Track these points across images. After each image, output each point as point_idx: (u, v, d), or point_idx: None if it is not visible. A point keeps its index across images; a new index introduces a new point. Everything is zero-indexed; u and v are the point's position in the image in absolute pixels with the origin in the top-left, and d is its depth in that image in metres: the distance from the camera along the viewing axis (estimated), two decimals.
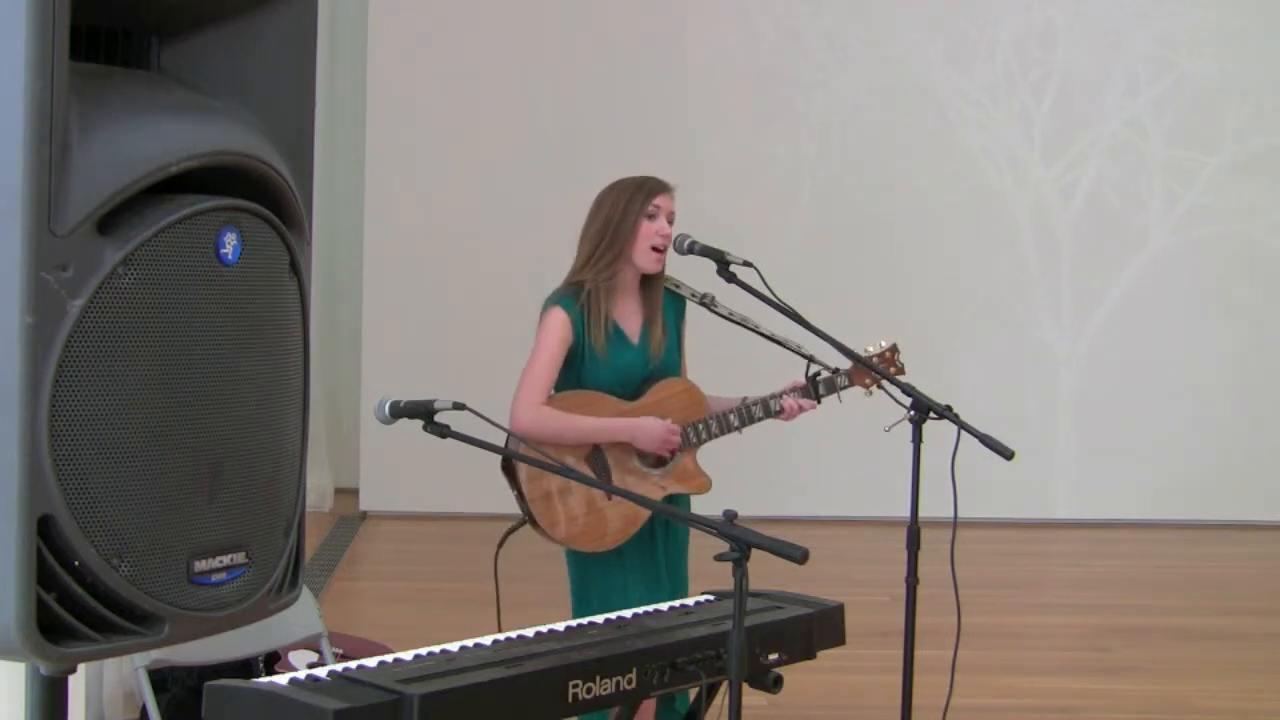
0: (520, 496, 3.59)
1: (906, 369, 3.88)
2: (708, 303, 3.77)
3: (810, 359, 3.78)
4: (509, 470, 3.60)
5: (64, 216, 1.80)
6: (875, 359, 3.85)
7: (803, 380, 3.81)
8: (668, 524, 3.76)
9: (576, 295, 3.67)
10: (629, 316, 3.75)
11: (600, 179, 3.80)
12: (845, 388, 3.86)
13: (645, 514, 3.66)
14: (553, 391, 3.69)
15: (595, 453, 3.66)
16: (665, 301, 3.80)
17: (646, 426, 3.66)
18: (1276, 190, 8.75)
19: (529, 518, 3.60)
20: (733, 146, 8.53)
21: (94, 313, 1.83)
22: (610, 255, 3.66)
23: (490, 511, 3.49)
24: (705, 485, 3.78)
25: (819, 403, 3.85)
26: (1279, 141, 8.74)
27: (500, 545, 3.40)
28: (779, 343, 3.73)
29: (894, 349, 3.91)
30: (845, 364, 3.83)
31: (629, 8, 8.55)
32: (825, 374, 3.82)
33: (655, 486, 3.69)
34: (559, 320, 3.65)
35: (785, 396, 3.78)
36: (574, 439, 3.62)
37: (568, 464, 3.56)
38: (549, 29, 8.52)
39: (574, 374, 3.69)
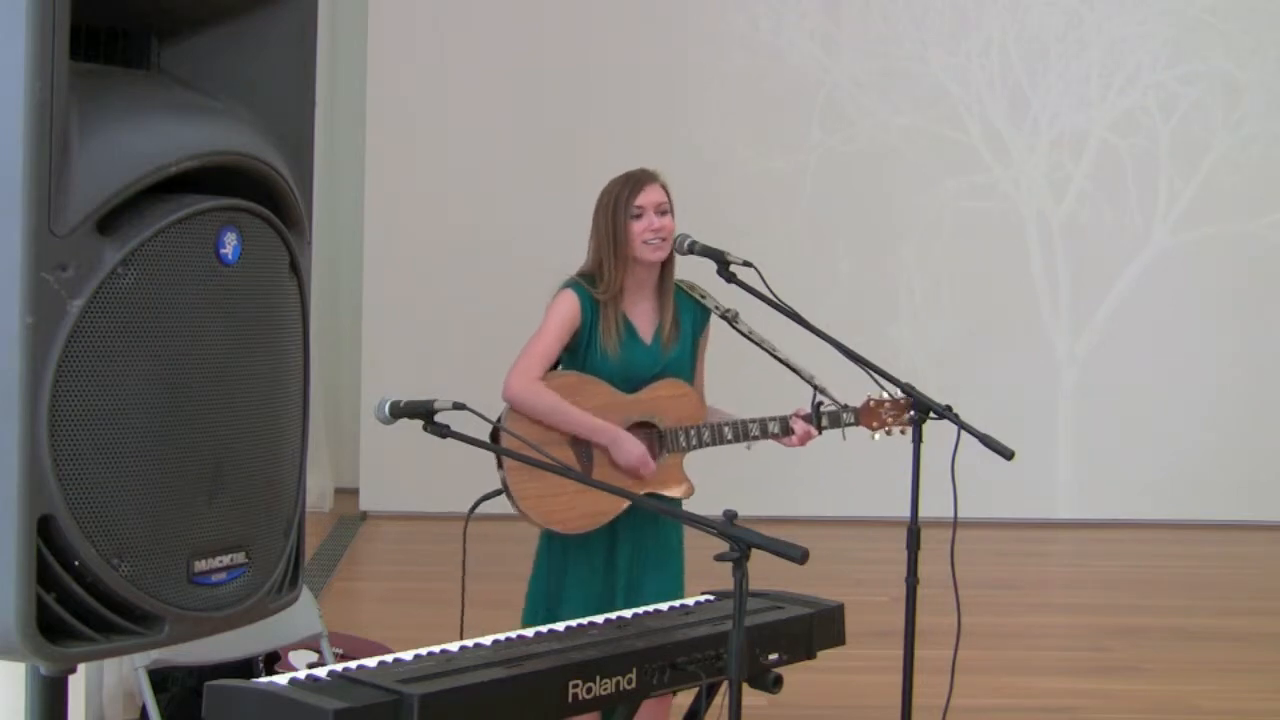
0: (499, 465, 3.59)
1: (891, 390, 3.77)
2: (729, 318, 3.73)
3: (819, 389, 3.74)
4: (495, 437, 3.58)
5: (64, 216, 1.80)
6: (885, 405, 3.77)
7: (806, 408, 3.77)
8: (640, 530, 3.75)
9: (592, 284, 3.68)
10: (643, 315, 3.74)
11: (600, 178, 3.79)
12: (850, 425, 3.77)
13: (615, 510, 3.64)
14: (561, 368, 3.70)
15: (580, 438, 3.66)
16: (688, 308, 3.79)
17: (627, 445, 3.62)
18: (1276, 189, 8.75)
19: (504, 486, 3.60)
20: (733, 145, 8.52)
21: (94, 313, 1.83)
22: (613, 263, 3.66)
23: (490, 511, 3.47)
24: (687, 491, 3.74)
25: (820, 433, 3.77)
26: (1278, 140, 8.74)
27: (472, 510, 3.37)
28: (792, 368, 3.70)
29: (908, 402, 3.73)
30: (855, 401, 3.75)
31: (629, 7, 8.55)
32: (832, 407, 3.76)
33: (635, 483, 3.68)
34: (568, 303, 3.66)
35: (794, 420, 3.72)
36: (558, 423, 3.62)
37: (551, 443, 3.56)
38: (548, 28, 8.52)
39: (578, 360, 3.70)
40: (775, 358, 3.71)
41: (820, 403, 3.75)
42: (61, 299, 1.80)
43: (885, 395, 3.76)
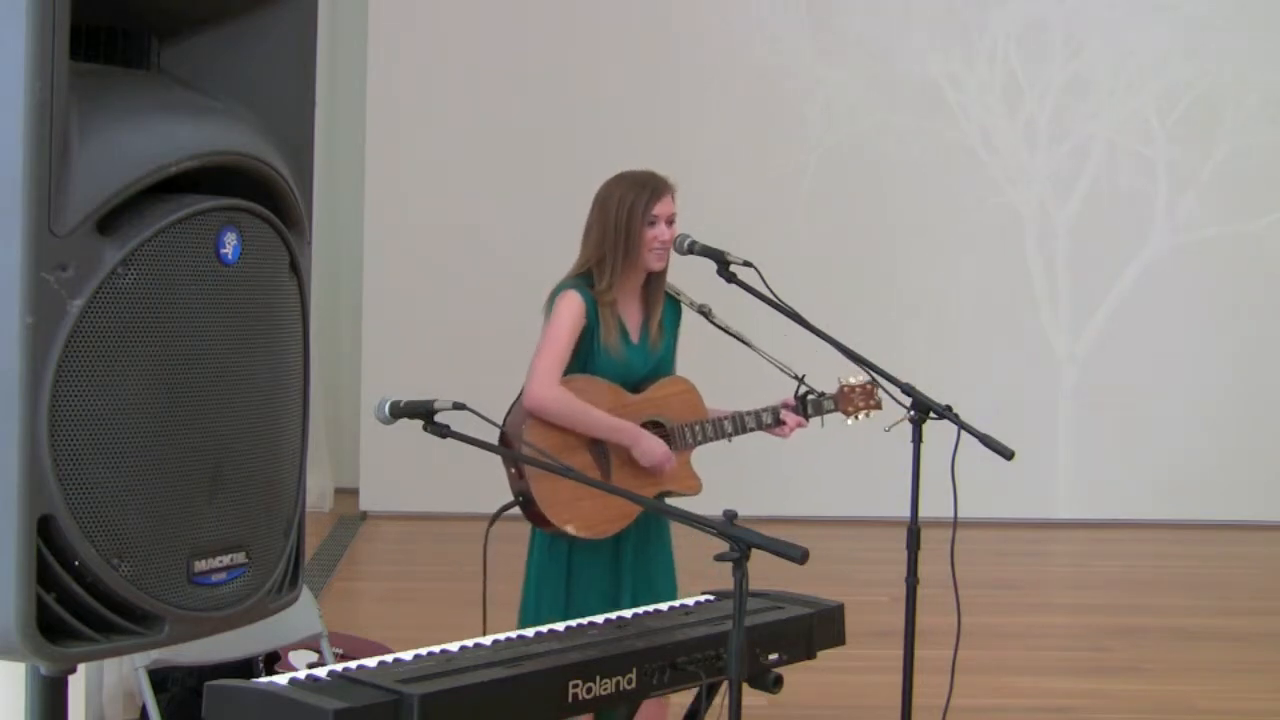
0: (519, 476, 3.57)
1: (891, 390, 3.83)
2: (705, 313, 3.79)
3: (800, 379, 3.80)
4: (504, 443, 3.57)
5: (64, 216, 1.80)
6: (856, 390, 3.88)
7: (792, 399, 3.83)
8: (644, 527, 3.76)
9: (590, 285, 3.68)
10: (631, 315, 3.77)
11: (600, 177, 3.80)
12: (830, 411, 3.89)
13: (636, 510, 3.65)
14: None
15: (597, 441, 3.67)
16: (667, 306, 3.83)
17: (647, 444, 3.66)
18: (1277, 189, 8.75)
19: (524, 497, 3.58)
20: (733, 147, 8.52)
21: (94, 313, 1.83)
22: (618, 262, 3.67)
23: (490, 511, 3.47)
24: (696, 487, 3.80)
25: (807, 422, 3.88)
26: (1279, 141, 8.74)
27: (491, 524, 3.36)
28: (770, 360, 3.74)
29: (872, 384, 3.89)
30: (831, 388, 3.87)
31: (628, 7, 8.55)
32: (813, 395, 3.85)
33: (651, 482, 3.69)
34: (575, 304, 3.66)
35: (784, 411, 3.81)
36: (583, 428, 3.63)
37: (571, 447, 3.59)
38: (548, 28, 8.52)
39: (579, 362, 3.70)
40: (753, 349, 3.74)
41: (807, 392, 3.81)
42: (61, 299, 1.80)
43: (854, 380, 3.82)
